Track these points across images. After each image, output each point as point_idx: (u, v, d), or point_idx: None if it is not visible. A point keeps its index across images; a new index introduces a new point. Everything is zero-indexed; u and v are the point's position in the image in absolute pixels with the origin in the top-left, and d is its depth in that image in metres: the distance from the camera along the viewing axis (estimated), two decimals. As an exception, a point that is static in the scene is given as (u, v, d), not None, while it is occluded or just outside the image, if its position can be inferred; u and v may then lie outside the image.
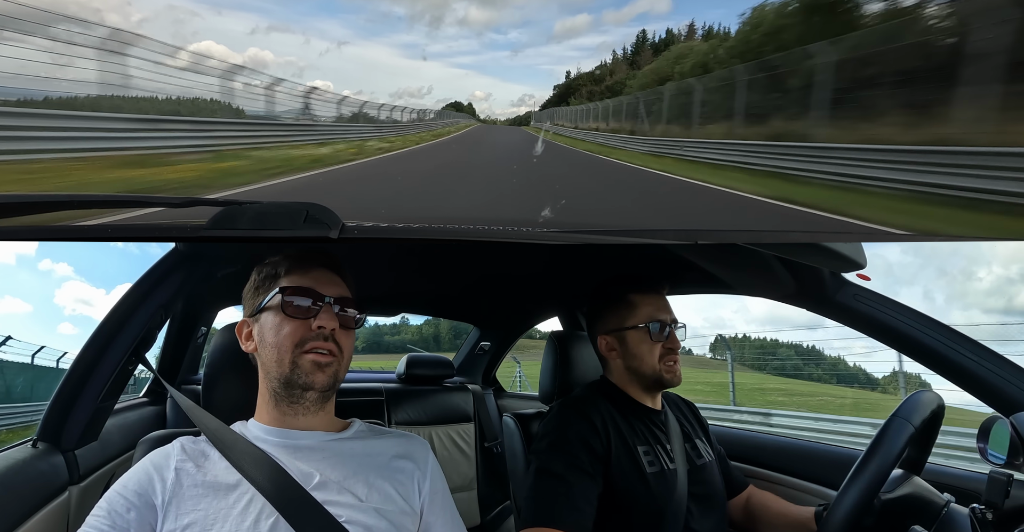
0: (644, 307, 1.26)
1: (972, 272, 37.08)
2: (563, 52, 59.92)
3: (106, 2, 25.31)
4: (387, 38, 43.32)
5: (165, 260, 1.30)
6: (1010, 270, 35.21)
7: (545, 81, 71.84)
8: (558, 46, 68.16)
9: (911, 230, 4.35)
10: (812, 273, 1.19)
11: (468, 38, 45.55)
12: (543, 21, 45.09)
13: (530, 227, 0.99)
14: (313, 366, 0.87)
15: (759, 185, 7.91)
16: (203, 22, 49.08)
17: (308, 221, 0.81)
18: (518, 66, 51.15)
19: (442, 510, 0.94)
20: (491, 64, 53.00)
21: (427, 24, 43.66)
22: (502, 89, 61.76)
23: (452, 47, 45.77)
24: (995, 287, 30.91)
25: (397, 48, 54.83)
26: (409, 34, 42.75)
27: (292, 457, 0.87)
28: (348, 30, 36.64)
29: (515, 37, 51.32)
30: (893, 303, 1.20)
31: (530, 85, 61.02)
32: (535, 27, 45.64)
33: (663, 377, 1.23)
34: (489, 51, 50.23)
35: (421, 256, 1.70)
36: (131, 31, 9.53)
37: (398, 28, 40.56)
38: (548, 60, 63.59)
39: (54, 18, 8.13)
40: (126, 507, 0.79)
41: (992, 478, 0.91)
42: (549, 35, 55.35)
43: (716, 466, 1.29)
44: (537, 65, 58.89)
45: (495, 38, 51.08)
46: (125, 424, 1.67)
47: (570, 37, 52.49)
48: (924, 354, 1.16)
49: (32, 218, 0.90)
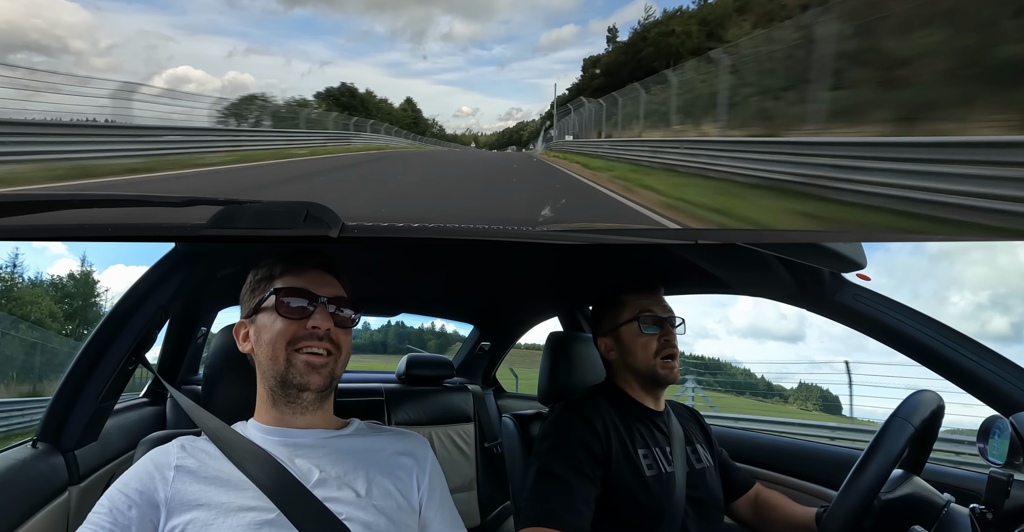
0: (634, 302, 1.27)
1: (945, 296, 37.17)
2: (549, 66, 60.37)
3: (71, 29, 22.95)
4: (370, 58, 42.73)
5: (165, 260, 1.30)
6: (980, 296, 35.41)
7: (532, 95, 70.97)
8: (544, 59, 68.14)
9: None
10: (812, 273, 1.19)
11: (453, 55, 44.93)
12: (528, 34, 44.57)
13: (530, 227, 0.99)
14: (307, 367, 0.87)
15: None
16: (178, 47, 48.47)
17: (308, 220, 0.81)
18: (504, 81, 50.97)
19: (440, 507, 0.94)
20: (477, 80, 52.75)
21: (409, 40, 42.94)
22: (489, 104, 61.72)
23: (437, 64, 44.81)
24: (969, 312, 31.06)
25: (381, 67, 54.54)
26: (392, 52, 42.33)
27: (292, 455, 0.87)
28: (330, 51, 36.18)
29: (500, 52, 51.24)
30: (893, 303, 1.20)
31: (517, 99, 60.70)
32: (520, 41, 45.12)
33: (658, 373, 1.23)
34: (475, 67, 49.69)
35: (421, 256, 1.70)
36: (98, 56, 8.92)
37: (380, 47, 40.28)
38: (534, 74, 63.73)
39: (12, 46, 7.49)
40: (127, 505, 0.80)
41: (992, 478, 0.91)
42: (535, 47, 55.31)
43: (716, 472, 1.29)
44: (523, 79, 59.30)
45: (480, 54, 50.83)
46: (125, 424, 1.67)
47: (556, 49, 52.51)
48: (924, 354, 1.16)
49: (32, 217, 0.90)
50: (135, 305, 1.26)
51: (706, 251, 1.15)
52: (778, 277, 1.22)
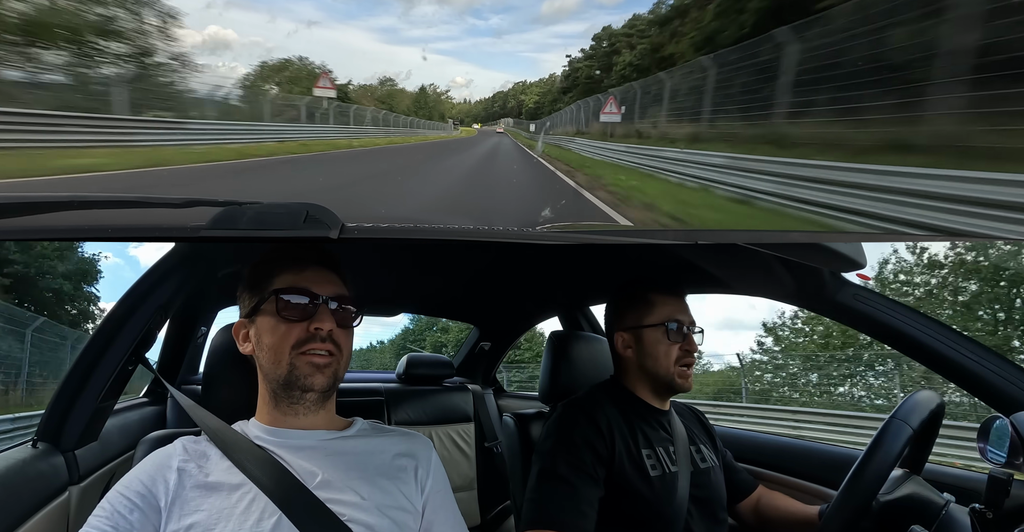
0: (663, 306, 1.25)
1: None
2: (545, 40, 57.79)
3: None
4: (361, 21, 40.96)
5: (165, 260, 1.30)
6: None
7: (528, 69, 68.35)
8: (542, 32, 66.02)
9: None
10: (812, 273, 1.19)
11: (448, 23, 42.92)
12: (528, 5, 42.01)
13: (530, 227, 0.99)
14: (311, 368, 0.86)
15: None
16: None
17: (308, 221, 0.81)
18: (500, 53, 48.40)
19: (443, 508, 0.93)
20: (472, 50, 50.13)
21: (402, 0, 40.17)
22: (483, 76, 58.47)
23: (430, 32, 42.40)
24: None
25: (373, 32, 52.86)
26: (384, 17, 40.39)
27: (294, 456, 0.86)
28: (319, 11, 34.51)
29: (497, 23, 48.98)
30: (893, 303, 1.20)
31: (512, 72, 57.53)
32: (519, 12, 42.51)
33: (675, 381, 1.22)
34: (470, 37, 47.27)
35: (421, 256, 1.70)
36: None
37: (374, 11, 38.19)
38: (531, 47, 61.41)
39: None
40: (129, 508, 0.79)
41: (992, 478, 0.91)
42: (535, 17, 52.78)
43: (719, 472, 1.29)
44: (519, 52, 56.64)
45: (476, 23, 48.69)
46: (125, 424, 1.67)
47: (556, 22, 50.50)
48: (925, 354, 1.16)
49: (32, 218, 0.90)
50: (135, 305, 1.26)
51: (706, 251, 1.15)
52: (778, 277, 1.21)
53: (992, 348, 1.13)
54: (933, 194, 3.99)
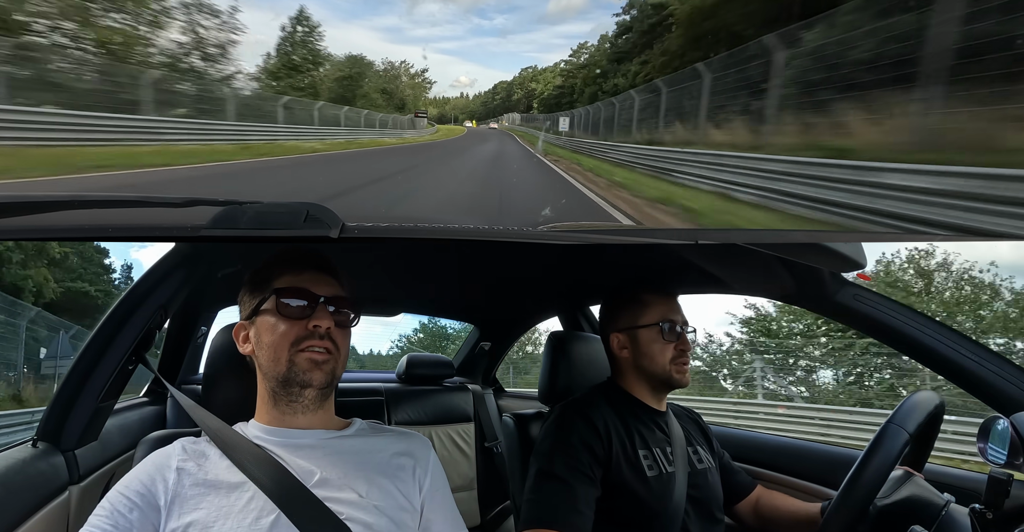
0: (657, 307, 1.26)
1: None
2: (550, 40, 57.23)
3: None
4: (365, 20, 40.41)
5: (165, 260, 1.30)
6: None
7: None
8: (547, 32, 65.39)
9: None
10: (812, 273, 1.19)
11: (452, 22, 42.31)
12: (534, 4, 41.19)
13: (530, 227, 0.99)
14: (310, 364, 0.88)
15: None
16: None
17: (308, 221, 0.81)
18: (504, 52, 47.71)
19: (442, 508, 0.94)
20: (476, 50, 49.46)
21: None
22: (487, 76, 57.91)
23: (434, 32, 41.76)
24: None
25: (377, 31, 52.52)
26: (389, 16, 39.79)
27: (293, 455, 0.87)
28: (324, 11, 33.90)
29: (502, 23, 48.44)
30: (893, 303, 1.20)
31: (516, 72, 57.33)
32: (523, 12, 41.80)
33: (672, 377, 1.23)
34: (474, 36, 46.71)
35: (421, 256, 1.70)
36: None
37: (378, 10, 37.52)
38: (534, 48, 60.96)
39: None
40: (128, 507, 0.80)
41: (992, 478, 0.91)
42: (540, 16, 52.17)
43: (716, 473, 1.30)
44: (524, 52, 56.21)
45: (481, 23, 48.04)
46: (125, 424, 1.67)
47: (562, 21, 49.89)
48: (925, 354, 1.16)
49: (32, 218, 0.90)
50: (135, 305, 1.26)
51: (706, 251, 1.15)
52: (778, 277, 1.21)
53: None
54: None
